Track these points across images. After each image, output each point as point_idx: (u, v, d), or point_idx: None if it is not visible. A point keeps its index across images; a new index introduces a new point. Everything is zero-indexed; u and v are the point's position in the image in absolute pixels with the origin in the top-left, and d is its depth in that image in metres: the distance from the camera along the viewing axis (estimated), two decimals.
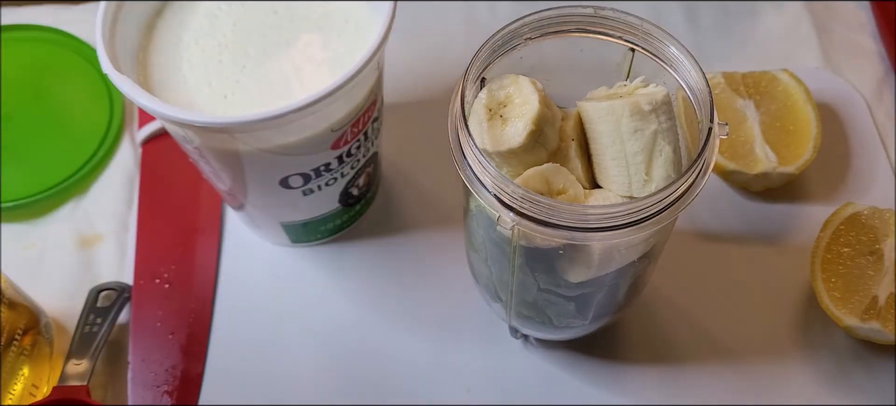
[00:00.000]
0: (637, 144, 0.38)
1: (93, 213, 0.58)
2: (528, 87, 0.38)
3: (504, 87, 0.39)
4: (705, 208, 0.56)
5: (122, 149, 0.60)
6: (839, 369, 0.50)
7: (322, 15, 0.47)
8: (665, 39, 0.39)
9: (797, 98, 0.57)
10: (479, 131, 0.39)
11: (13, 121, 0.61)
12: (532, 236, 0.37)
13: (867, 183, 0.57)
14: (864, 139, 0.59)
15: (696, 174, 0.36)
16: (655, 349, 0.51)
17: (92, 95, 0.62)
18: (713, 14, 0.66)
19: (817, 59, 0.63)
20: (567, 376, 0.51)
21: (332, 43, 0.46)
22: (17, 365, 0.48)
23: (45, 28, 0.65)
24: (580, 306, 0.43)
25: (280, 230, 0.53)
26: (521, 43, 0.40)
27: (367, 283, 0.54)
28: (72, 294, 0.54)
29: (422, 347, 0.52)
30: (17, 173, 0.58)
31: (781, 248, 0.55)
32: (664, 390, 0.50)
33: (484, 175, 0.36)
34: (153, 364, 0.51)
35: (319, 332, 0.53)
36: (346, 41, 0.46)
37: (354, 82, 0.41)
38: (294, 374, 0.51)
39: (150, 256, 0.55)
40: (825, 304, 0.50)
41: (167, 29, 0.46)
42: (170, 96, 0.44)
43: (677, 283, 0.53)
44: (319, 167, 0.47)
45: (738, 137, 0.55)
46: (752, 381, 0.50)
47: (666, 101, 0.38)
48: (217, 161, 0.46)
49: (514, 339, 0.51)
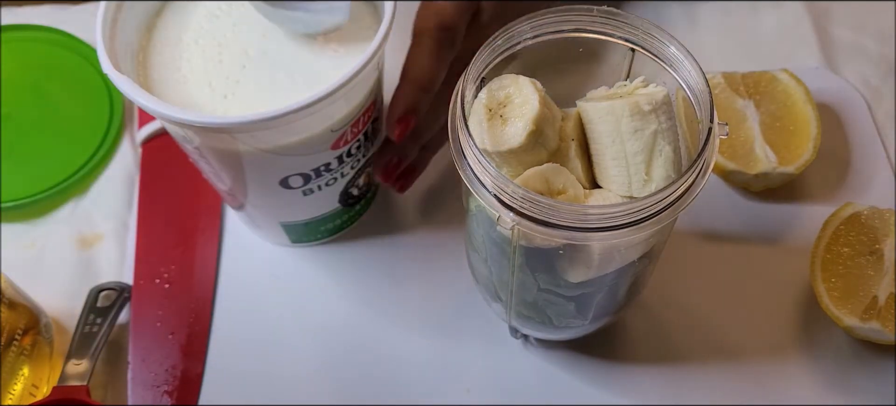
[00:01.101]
0: (637, 144, 0.38)
1: (93, 213, 0.58)
2: (528, 87, 0.38)
3: (504, 88, 0.39)
4: (705, 208, 0.56)
5: (122, 149, 0.60)
6: (839, 369, 0.50)
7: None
8: (665, 39, 0.39)
9: (797, 98, 0.57)
10: (479, 131, 0.39)
11: (13, 121, 0.61)
12: (532, 236, 0.37)
13: (867, 183, 0.57)
14: (864, 139, 0.59)
15: (696, 174, 0.36)
16: (655, 349, 0.51)
17: (92, 95, 0.62)
18: (713, 14, 0.66)
19: (817, 59, 0.63)
20: (567, 376, 0.51)
21: (332, 43, 0.46)
22: (17, 365, 0.48)
23: (45, 28, 0.65)
24: (580, 306, 0.43)
25: (280, 230, 0.53)
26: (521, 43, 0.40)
27: (367, 283, 0.54)
28: (72, 294, 0.54)
29: (422, 347, 0.52)
30: (17, 173, 0.58)
31: (781, 248, 0.55)
32: (664, 390, 0.50)
33: (484, 175, 0.36)
34: (153, 364, 0.51)
35: (319, 332, 0.53)
36: (346, 41, 0.46)
37: (354, 82, 0.42)
38: (294, 374, 0.51)
39: (150, 256, 0.55)
40: (825, 304, 0.50)
41: (167, 29, 0.46)
42: (170, 96, 0.44)
43: (677, 283, 0.53)
44: (319, 167, 0.47)
45: (738, 137, 0.55)
46: (752, 381, 0.50)
47: (666, 101, 0.38)
48: (217, 161, 0.46)
49: (514, 339, 0.51)
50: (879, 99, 0.61)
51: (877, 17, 0.66)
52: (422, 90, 0.48)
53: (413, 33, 0.49)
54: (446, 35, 0.48)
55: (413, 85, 0.48)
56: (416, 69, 0.48)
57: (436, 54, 0.48)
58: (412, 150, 0.51)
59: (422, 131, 0.51)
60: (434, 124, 0.51)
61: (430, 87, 0.48)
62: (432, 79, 0.48)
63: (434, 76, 0.48)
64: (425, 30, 0.48)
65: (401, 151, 0.51)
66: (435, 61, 0.48)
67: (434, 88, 0.48)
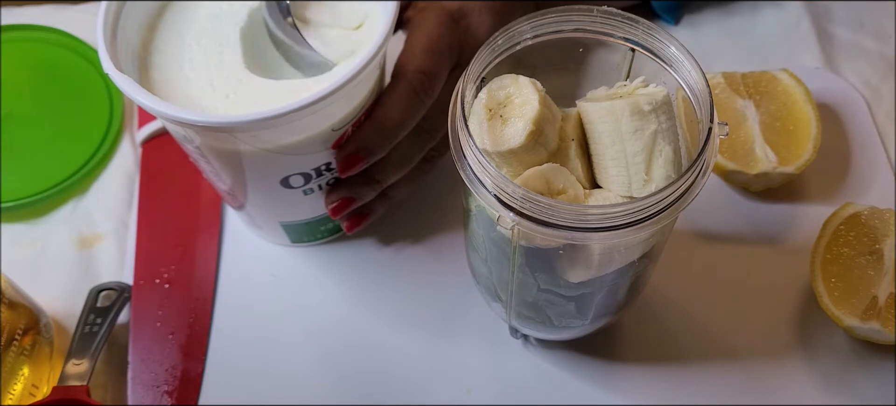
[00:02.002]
0: (637, 144, 0.38)
1: (93, 213, 0.58)
2: (528, 88, 0.38)
3: (504, 88, 0.39)
4: (705, 208, 0.56)
5: (122, 149, 0.60)
6: (839, 369, 0.50)
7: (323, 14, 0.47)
8: (665, 39, 0.39)
9: (797, 98, 0.57)
10: (479, 131, 0.39)
11: (13, 121, 0.61)
12: (532, 236, 0.37)
13: (867, 183, 0.57)
14: (864, 139, 0.59)
15: (696, 174, 0.36)
16: (655, 349, 0.51)
17: (92, 95, 0.62)
18: (713, 14, 0.66)
19: (817, 59, 0.63)
20: (567, 376, 0.51)
21: (333, 42, 0.46)
22: (17, 365, 0.48)
23: (45, 28, 0.65)
24: (580, 306, 0.43)
25: (280, 230, 0.53)
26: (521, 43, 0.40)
27: (367, 283, 0.54)
28: (72, 294, 0.54)
29: (422, 347, 0.52)
30: (17, 173, 0.58)
31: (781, 248, 0.55)
32: (664, 390, 0.50)
33: (484, 175, 0.36)
34: (153, 364, 0.51)
35: (319, 332, 0.53)
36: (347, 40, 0.46)
37: (356, 81, 0.41)
38: (294, 374, 0.51)
39: (150, 256, 0.55)
40: (825, 304, 0.50)
41: (169, 29, 0.46)
42: (171, 96, 0.44)
43: (677, 283, 0.53)
44: (320, 167, 0.47)
45: (738, 137, 0.55)
46: (752, 381, 0.50)
47: (666, 101, 0.38)
48: (218, 161, 0.46)
49: (514, 339, 0.51)
50: (879, 99, 0.61)
51: (877, 17, 0.66)
52: (381, 134, 0.46)
53: (392, 75, 0.47)
54: (424, 81, 0.46)
55: (376, 127, 0.46)
56: (383, 111, 0.46)
57: (408, 99, 0.46)
58: (367, 193, 0.49)
59: (381, 176, 0.49)
60: (395, 171, 0.49)
61: (393, 133, 0.46)
62: (397, 125, 0.46)
63: (401, 123, 0.46)
64: (403, 73, 0.46)
65: (354, 191, 0.49)
66: (405, 108, 0.46)
67: (397, 135, 0.46)
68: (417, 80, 0.46)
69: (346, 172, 0.46)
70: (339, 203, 0.49)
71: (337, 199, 0.49)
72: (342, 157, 0.46)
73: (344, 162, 0.46)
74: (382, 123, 0.46)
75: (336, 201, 0.49)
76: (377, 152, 0.46)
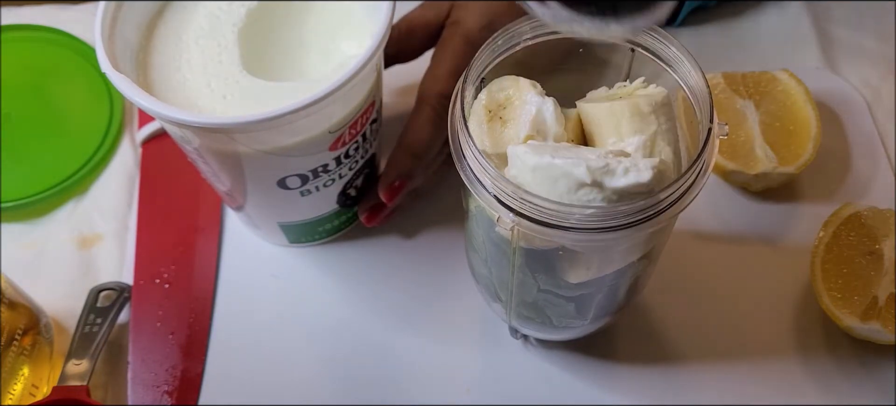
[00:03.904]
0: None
1: (93, 213, 0.58)
2: (527, 90, 0.38)
3: (504, 89, 0.39)
4: (705, 208, 0.56)
5: (122, 149, 0.60)
6: (839, 369, 0.50)
7: (321, 15, 0.47)
8: (665, 40, 0.39)
9: (797, 98, 0.57)
10: (478, 133, 0.39)
11: (13, 121, 0.61)
12: (531, 237, 0.37)
13: (867, 183, 0.57)
14: (864, 139, 0.59)
15: (696, 174, 0.36)
16: (655, 349, 0.51)
17: (92, 95, 0.62)
18: (713, 14, 0.66)
19: (817, 59, 0.63)
20: (567, 376, 0.51)
21: (330, 44, 0.46)
22: (17, 365, 0.48)
23: (45, 28, 0.65)
24: (580, 307, 0.43)
25: (278, 230, 0.53)
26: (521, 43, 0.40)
27: (367, 283, 0.54)
28: (72, 294, 0.54)
29: (422, 347, 0.52)
30: (17, 173, 0.58)
31: (781, 248, 0.54)
32: (664, 390, 0.50)
33: (484, 175, 0.36)
34: (153, 364, 0.51)
35: (319, 332, 0.53)
36: (344, 42, 0.46)
37: (353, 83, 0.41)
38: (294, 374, 0.51)
39: (150, 256, 0.55)
40: (825, 304, 0.50)
41: (167, 29, 0.46)
42: (169, 97, 0.44)
43: (677, 284, 0.53)
44: (317, 168, 0.47)
45: (738, 137, 0.55)
46: (752, 381, 0.50)
47: (666, 101, 0.38)
48: (216, 162, 0.46)
49: (514, 339, 0.51)
50: (879, 99, 0.61)
51: (877, 17, 0.65)
52: (415, 157, 0.50)
53: (416, 100, 0.51)
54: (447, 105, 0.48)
55: (407, 152, 0.50)
56: (412, 135, 0.50)
57: (434, 123, 0.49)
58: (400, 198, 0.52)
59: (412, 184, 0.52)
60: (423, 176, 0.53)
61: (425, 155, 0.50)
62: (427, 147, 0.50)
63: (429, 144, 0.50)
64: (427, 97, 0.50)
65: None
66: (432, 130, 0.50)
67: (429, 156, 0.51)
68: (441, 106, 0.49)
69: (393, 200, 0.51)
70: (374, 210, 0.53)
71: (370, 207, 0.52)
72: (385, 188, 0.50)
73: (388, 192, 0.50)
74: (413, 147, 0.50)
75: (369, 209, 0.53)
76: (415, 176, 0.51)
